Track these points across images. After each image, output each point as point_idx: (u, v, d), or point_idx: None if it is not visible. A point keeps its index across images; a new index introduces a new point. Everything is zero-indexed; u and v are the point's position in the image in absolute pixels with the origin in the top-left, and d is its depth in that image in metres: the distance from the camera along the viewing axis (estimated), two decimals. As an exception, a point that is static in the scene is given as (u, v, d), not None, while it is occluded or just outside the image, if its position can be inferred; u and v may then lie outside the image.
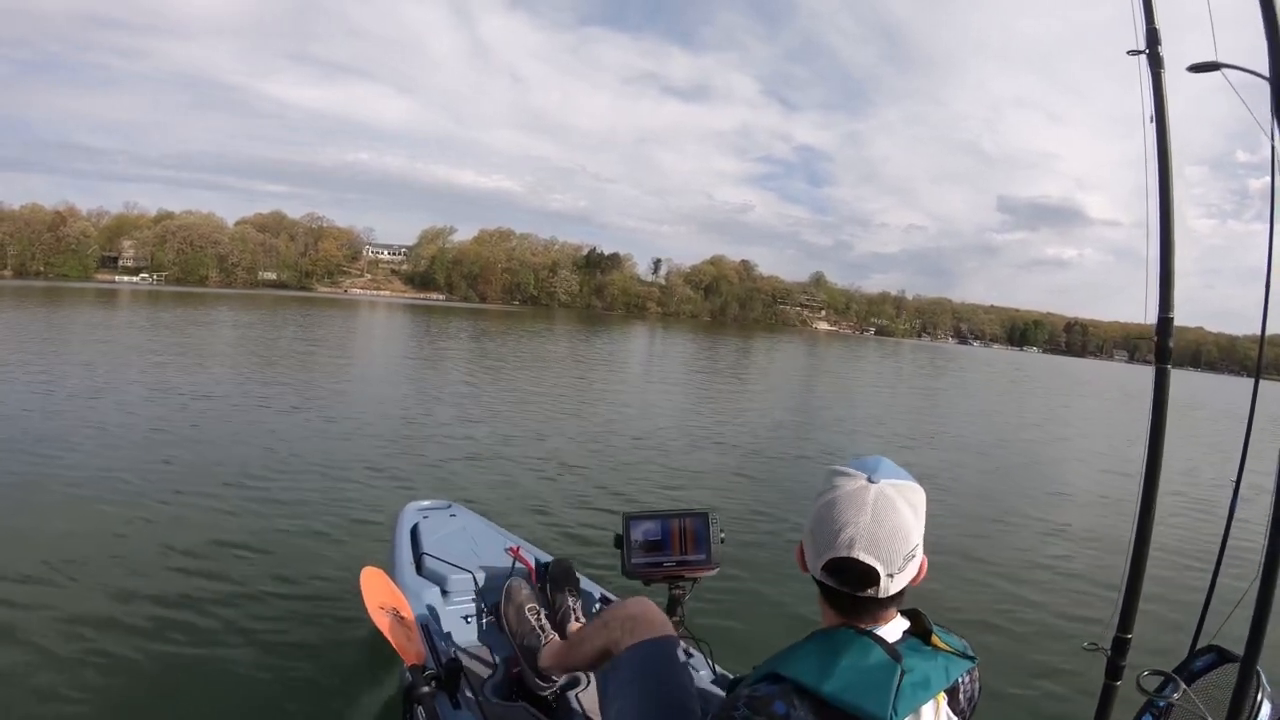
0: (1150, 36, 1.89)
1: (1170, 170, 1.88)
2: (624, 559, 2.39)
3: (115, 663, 3.26)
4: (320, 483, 6.44)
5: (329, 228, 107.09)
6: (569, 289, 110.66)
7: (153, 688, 3.11)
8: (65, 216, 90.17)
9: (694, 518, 2.43)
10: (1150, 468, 1.95)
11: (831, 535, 1.15)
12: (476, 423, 10.26)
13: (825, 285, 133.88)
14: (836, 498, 1.17)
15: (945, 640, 1.23)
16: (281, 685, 3.20)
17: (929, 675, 1.16)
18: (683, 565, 2.39)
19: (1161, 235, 1.88)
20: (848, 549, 1.13)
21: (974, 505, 8.05)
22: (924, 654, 1.19)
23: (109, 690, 3.06)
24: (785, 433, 12.32)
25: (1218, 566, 2.21)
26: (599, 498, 6.81)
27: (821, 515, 1.18)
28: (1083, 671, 3.30)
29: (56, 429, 7.73)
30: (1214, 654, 1.96)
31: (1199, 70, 1.95)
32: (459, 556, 3.09)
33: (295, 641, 3.58)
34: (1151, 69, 1.88)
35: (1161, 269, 1.90)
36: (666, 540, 2.39)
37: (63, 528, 4.83)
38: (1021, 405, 24.03)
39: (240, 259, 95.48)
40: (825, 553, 1.16)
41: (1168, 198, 1.87)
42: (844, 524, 1.14)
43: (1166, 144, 1.88)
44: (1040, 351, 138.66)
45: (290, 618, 3.82)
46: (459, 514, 3.79)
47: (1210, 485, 10.06)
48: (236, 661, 3.35)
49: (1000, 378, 38.75)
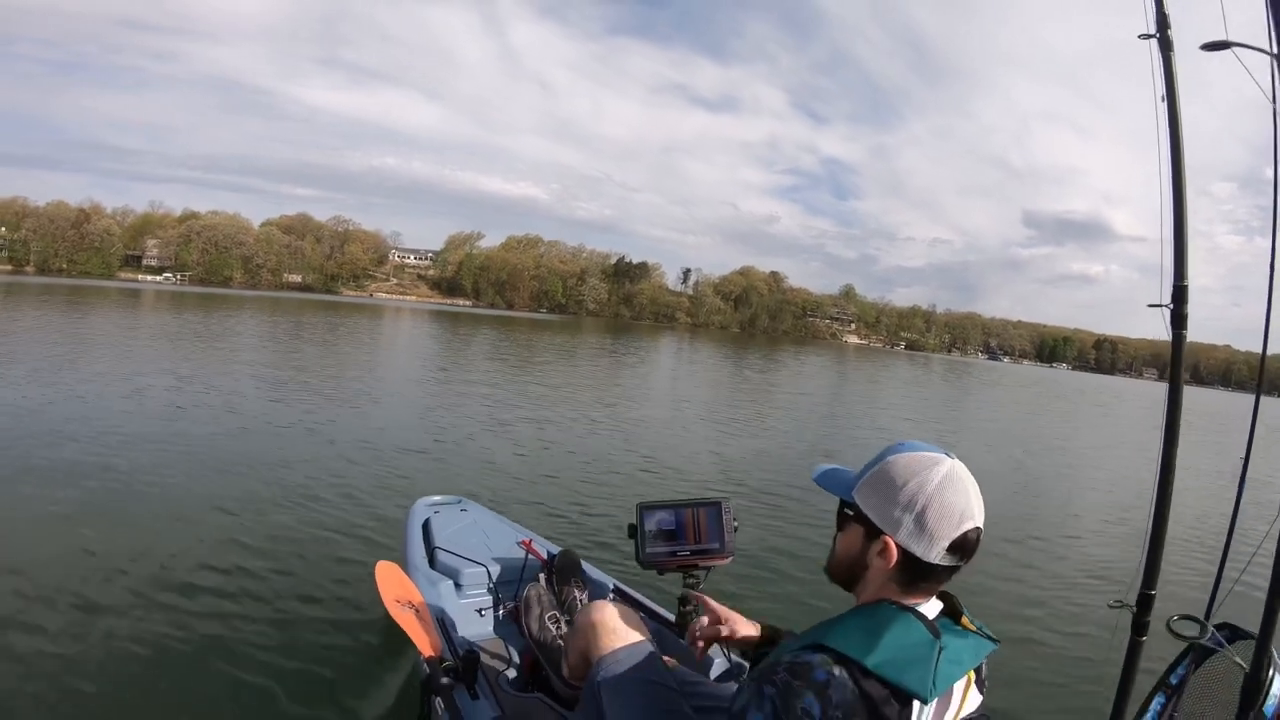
0: (1160, 20, 1.93)
1: (1181, 146, 1.95)
2: (638, 548, 2.33)
3: (133, 657, 3.23)
4: (332, 479, 6.39)
5: (355, 231, 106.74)
6: (597, 297, 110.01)
7: (171, 680, 3.09)
8: (90, 214, 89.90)
9: (708, 507, 2.37)
10: (1170, 430, 1.97)
11: (956, 516, 1.19)
12: (489, 421, 10.27)
13: (855, 298, 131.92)
14: (944, 483, 1.21)
15: (973, 623, 1.27)
16: (299, 677, 3.18)
17: (962, 654, 1.20)
18: (697, 554, 2.34)
19: (1175, 207, 1.94)
20: (972, 520, 1.20)
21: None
22: (957, 633, 1.23)
23: (128, 683, 3.03)
24: (811, 434, 12.76)
25: (1228, 544, 2.16)
26: (613, 491, 6.85)
27: (938, 503, 1.20)
28: (1106, 637, 2.85)
29: (64, 427, 7.52)
30: (1227, 630, 1.92)
31: (1211, 49, 1.88)
32: (471, 550, 3.13)
33: (312, 634, 3.56)
34: (1162, 52, 1.94)
35: (1175, 239, 1.96)
36: (680, 530, 2.35)
37: (67, 525, 4.75)
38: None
39: (265, 260, 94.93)
40: (951, 533, 1.19)
41: (1179, 170, 1.94)
42: (964, 502, 1.20)
43: (1178, 121, 1.94)
44: (1070, 368, 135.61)
45: (306, 611, 3.81)
46: (470, 508, 3.82)
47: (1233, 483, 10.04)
48: (254, 655, 3.32)
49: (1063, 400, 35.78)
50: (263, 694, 3.05)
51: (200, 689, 3.05)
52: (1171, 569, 5.43)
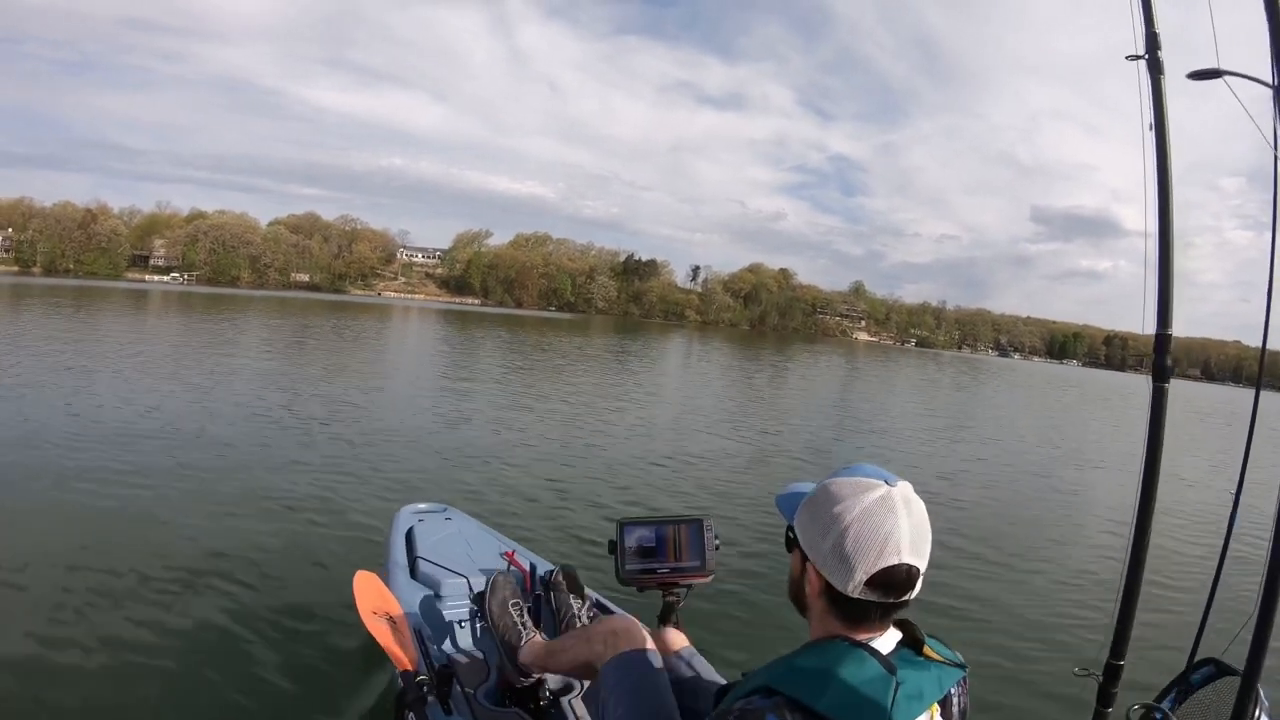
0: (1150, 41, 1.87)
1: (1170, 181, 1.86)
2: (618, 565, 2.26)
3: (104, 665, 3.18)
4: (314, 487, 6.23)
5: (363, 230, 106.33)
6: (607, 295, 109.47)
7: (143, 691, 3.03)
8: (96, 214, 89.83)
9: (689, 524, 2.33)
10: (1146, 490, 1.94)
11: (876, 546, 1.12)
12: (476, 427, 10.12)
13: (865, 295, 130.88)
14: (867, 511, 1.14)
15: (937, 650, 1.21)
16: (272, 691, 3.12)
17: (922, 687, 1.15)
18: (677, 572, 2.29)
19: (1160, 249, 1.87)
20: (897, 555, 1.12)
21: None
22: (917, 665, 1.18)
23: (98, 694, 2.97)
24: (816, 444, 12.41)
25: (1216, 579, 2.16)
26: (596, 505, 6.71)
27: (854, 532, 1.13)
28: (1075, 696, 2.60)
29: (41, 432, 7.42)
30: (1211, 666, 1.91)
31: (1200, 77, 1.87)
32: (454, 560, 3.10)
33: (286, 646, 3.49)
34: (1151, 75, 1.87)
35: (1160, 284, 1.87)
36: (661, 547, 2.30)
37: (47, 529, 4.69)
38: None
39: (273, 260, 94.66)
40: (870, 565, 1.12)
41: (1167, 210, 1.86)
42: (888, 532, 1.12)
43: (1166, 152, 1.86)
44: (1080, 365, 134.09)
45: (282, 622, 3.71)
46: (454, 517, 3.76)
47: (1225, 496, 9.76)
48: (226, 666, 3.26)
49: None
50: (233, 706, 3.01)
51: (171, 699, 3.02)
52: (1160, 596, 5.30)
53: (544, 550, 4.12)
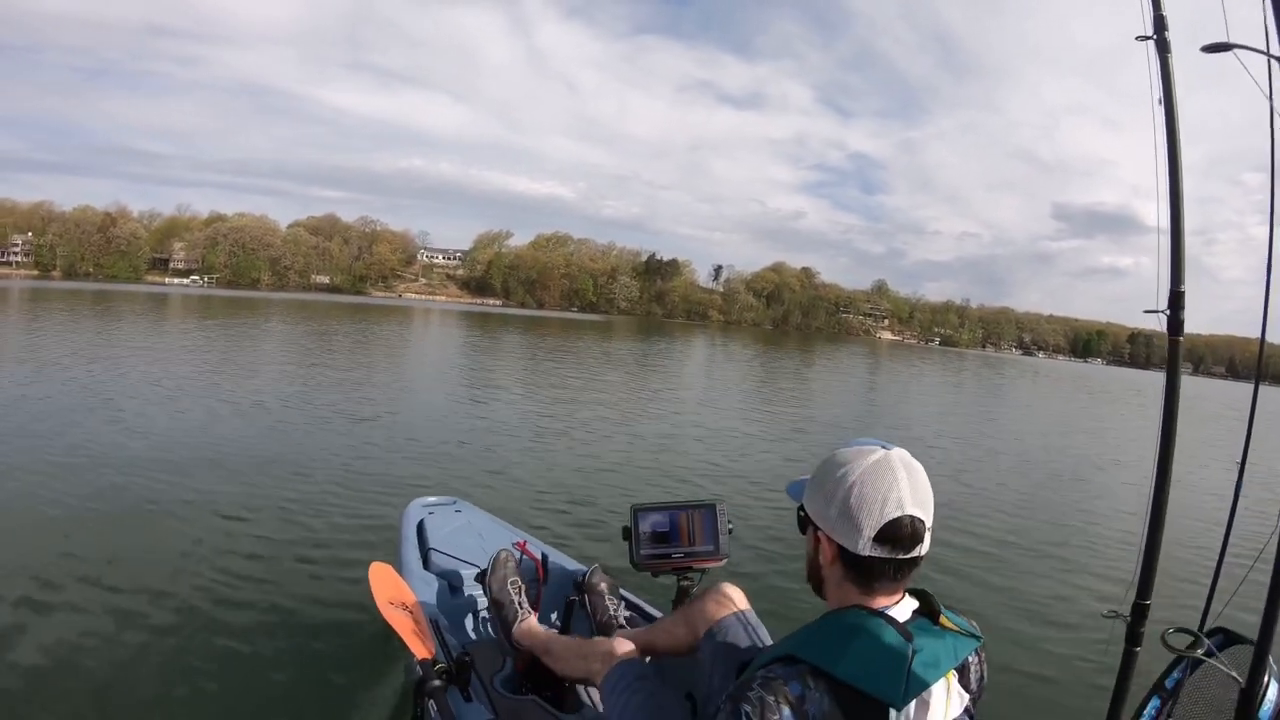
0: (1158, 22, 1.90)
1: (1178, 149, 1.92)
2: (632, 551, 2.32)
3: (124, 658, 3.20)
4: (326, 481, 6.29)
5: (383, 231, 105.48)
6: (629, 295, 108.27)
7: (163, 682, 3.06)
8: (116, 218, 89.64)
9: (702, 509, 2.38)
10: (1165, 436, 1.96)
11: (878, 503, 1.16)
12: (490, 422, 10.21)
13: (888, 293, 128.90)
14: (867, 471, 1.18)
15: (953, 620, 1.23)
16: (292, 680, 3.16)
17: (939, 655, 1.16)
18: (690, 557, 2.34)
19: (1171, 210, 1.93)
20: (899, 508, 1.16)
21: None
22: (933, 633, 1.19)
23: (119, 685, 3.00)
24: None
25: (1224, 549, 2.10)
26: (607, 493, 6.72)
27: (857, 491, 1.18)
28: (1103, 642, 2.63)
29: (56, 427, 7.54)
30: (1221, 636, 1.88)
31: (1212, 51, 1.84)
32: (465, 551, 3.12)
33: (305, 636, 3.54)
34: (1159, 54, 1.91)
35: (1173, 245, 1.94)
36: (675, 532, 2.34)
37: (62, 526, 4.71)
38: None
39: (293, 262, 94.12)
40: (875, 520, 1.16)
41: (1176, 174, 1.92)
42: (888, 489, 1.16)
43: (1175, 125, 1.91)
44: (1104, 363, 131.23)
45: (299, 612, 3.78)
46: (464, 510, 3.78)
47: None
48: (246, 657, 3.30)
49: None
50: (255, 696, 3.01)
51: (191, 689, 3.01)
52: (1175, 564, 5.29)
53: (554, 541, 4.12)
